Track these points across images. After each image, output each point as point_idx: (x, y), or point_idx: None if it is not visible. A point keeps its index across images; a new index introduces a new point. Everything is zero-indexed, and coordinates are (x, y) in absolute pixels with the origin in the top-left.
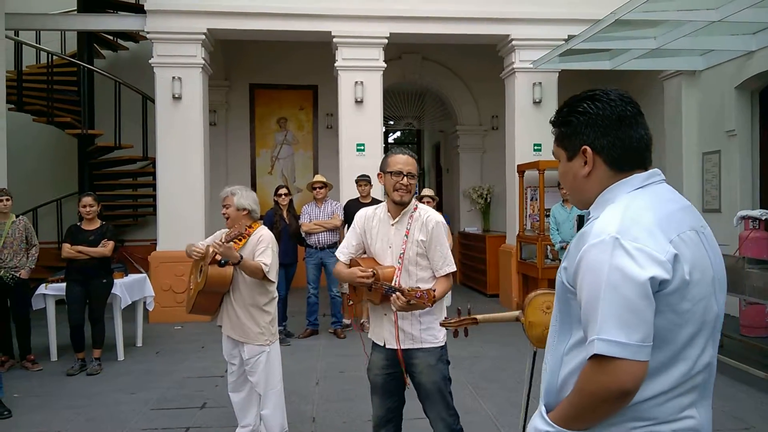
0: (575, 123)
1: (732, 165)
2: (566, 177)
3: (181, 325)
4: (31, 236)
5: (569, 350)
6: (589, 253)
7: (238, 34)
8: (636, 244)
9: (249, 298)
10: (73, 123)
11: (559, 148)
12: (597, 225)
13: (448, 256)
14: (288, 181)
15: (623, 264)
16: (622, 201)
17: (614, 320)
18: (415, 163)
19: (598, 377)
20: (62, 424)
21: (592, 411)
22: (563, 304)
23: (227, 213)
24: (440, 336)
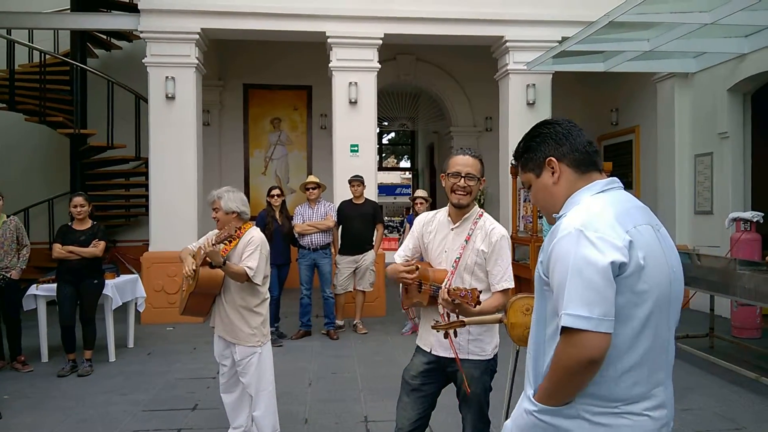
0: (534, 146)
1: (724, 167)
2: (539, 193)
3: (173, 327)
4: (22, 236)
5: (549, 339)
6: (558, 244)
7: (232, 34)
8: (597, 233)
9: (240, 299)
10: (66, 122)
11: (527, 172)
12: (564, 221)
13: (508, 271)
14: (281, 181)
15: (586, 251)
16: (586, 201)
17: (578, 298)
18: (479, 164)
19: (567, 350)
20: (53, 426)
21: (567, 383)
22: (540, 297)
23: (217, 216)
24: (488, 349)
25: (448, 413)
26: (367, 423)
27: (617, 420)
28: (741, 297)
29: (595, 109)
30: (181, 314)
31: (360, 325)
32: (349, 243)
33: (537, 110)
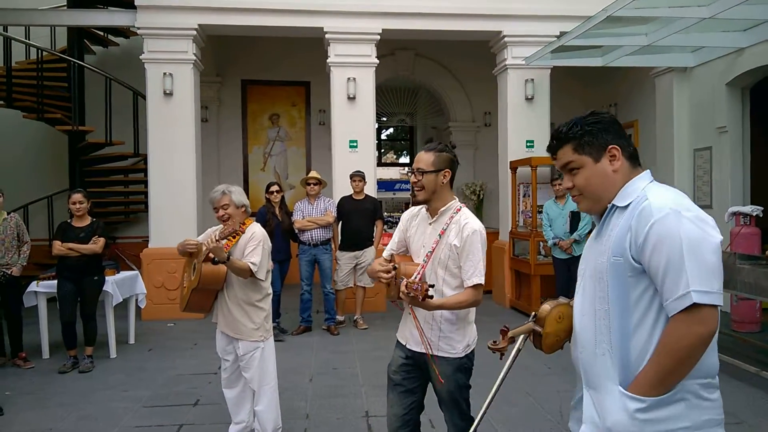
0: (595, 131)
1: (723, 161)
2: (595, 178)
3: (173, 323)
4: (23, 233)
5: (636, 325)
6: (658, 226)
7: (230, 30)
8: (693, 213)
9: (243, 294)
10: (64, 119)
11: (583, 155)
12: (653, 204)
13: (479, 267)
14: (280, 177)
15: (694, 229)
16: (653, 187)
17: (699, 275)
18: (432, 157)
19: (691, 328)
20: (54, 422)
21: (686, 364)
22: (620, 285)
23: (228, 213)
24: (458, 347)
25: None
26: (369, 418)
27: (715, 393)
28: (741, 291)
29: (593, 104)
30: (182, 311)
31: (360, 321)
32: (350, 239)
33: (535, 105)
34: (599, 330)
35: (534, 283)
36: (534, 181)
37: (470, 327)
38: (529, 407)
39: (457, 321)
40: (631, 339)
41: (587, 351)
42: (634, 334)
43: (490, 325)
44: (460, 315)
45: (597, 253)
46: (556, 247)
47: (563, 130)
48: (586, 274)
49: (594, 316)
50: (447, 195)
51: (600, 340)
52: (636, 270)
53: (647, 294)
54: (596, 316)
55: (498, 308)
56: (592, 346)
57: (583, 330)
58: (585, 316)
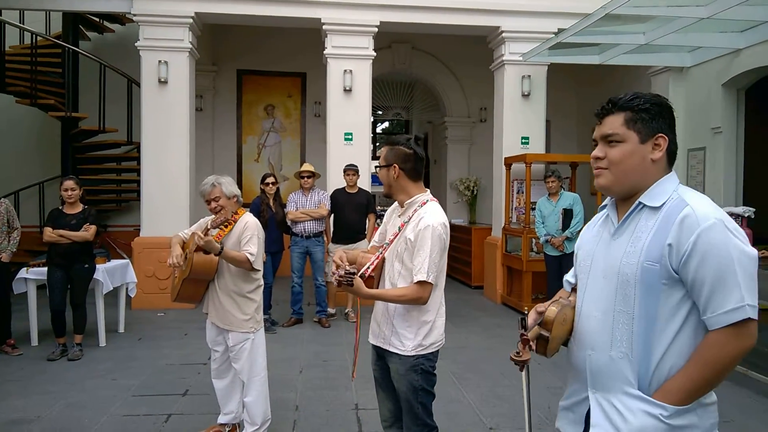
0: (654, 112)
1: (717, 162)
2: (633, 158)
3: (163, 312)
4: (13, 219)
5: (675, 334)
6: (706, 236)
7: (227, 19)
8: (733, 225)
9: (234, 285)
10: (57, 105)
11: (630, 130)
12: (698, 212)
13: (425, 264)
14: (274, 168)
15: (739, 243)
16: (687, 192)
17: (748, 289)
18: (384, 152)
19: (738, 342)
20: (42, 410)
21: (720, 378)
22: (651, 292)
23: (219, 205)
24: (408, 345)
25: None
26: (358, 410)
27: (713, 396)
28: None
29: (589, 102)
30: (173, 301)
31: (351, 314)
32: (342, 232)
33: (532, 101)
34: (618, 332)
35: (526, 280)
36: (528, 177)
37: (425, 327)
38: (518, 402)
39: (409, 318)
40: (656, 346)
41: (599, 353)
42: (660, 342)
43: (482, 320)
44: (413, 312)
45: (618, 253)
46: (548, 244)
47: (623, 98)
48: (595, 272)
49: (612, 319)
50: (411, 188)
51: (618, 342)
52: (672, 279)
53: (682, 303)
54: (615, 319)
55: (489, 304)
56: (607, 349)
57: (596, 332)
58: (595, 317)
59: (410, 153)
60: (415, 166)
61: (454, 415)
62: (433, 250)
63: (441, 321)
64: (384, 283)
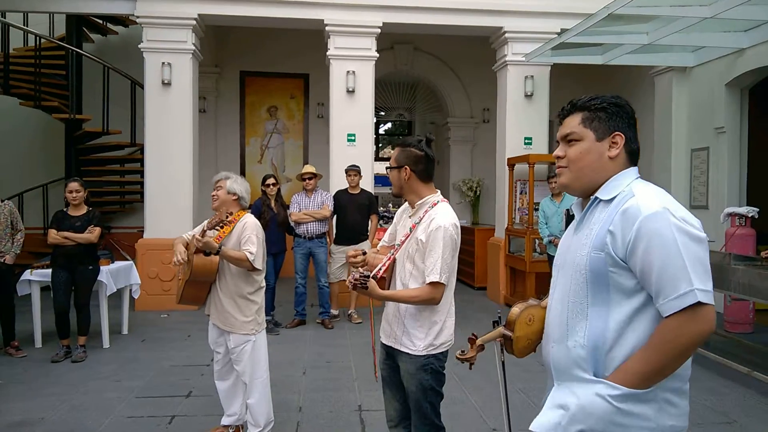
0: (611, 112)
1: (720, 162)
2: (590, 155)
3: (167, 314)
4: (17, 221)
5: (625, 321)
6: (648, 224)
7: (230, 20)
8: (681, 213)
9: (235, 287)
10: (61, 107)
11: (587, 129)
12: (641, 202)
13: (438, 265)
14: (277, 170)
15: (685, 228)
16: (639, 185)
17: (697, 274)
18: (396, 153)
19: (692, 326)
20: (46, 412)
21: (677, 362)
22: (600, 281)
23: (217, 195)
24: (419, 345)
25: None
26: (361, 412)
27: (684, 400)
28: (734, 292)
29: None
30: (177, 303)
31: (355, 315)
32: (344, 233)
33: (535, 102)
34: (572, 322)
35: (529, 280)
36: (531, 178)
37: (436, 327)
38: (521, 403)
39: (420, 318)
40: (608, 335)
41: (559, 344)
42: (612, 331)
43: (485, 321)
44: (424, 313)
45: (576, 246)
46: (551, 245)
47: (582, 99)
48: (563, 269)
49: (567, 310)
50: (422, 189)
51: (572, 333)
52: (619, 266)
53: (635, 292)
54: (570, 309)
55: (492, 305)
56: (564, 339)
57: (556, 323)
58: (555, 309)
59: (421, 155)
60: (426, 167)
61: (457, 416)
62: (445, 251)
63: (451, 321)
64: (395, 283)
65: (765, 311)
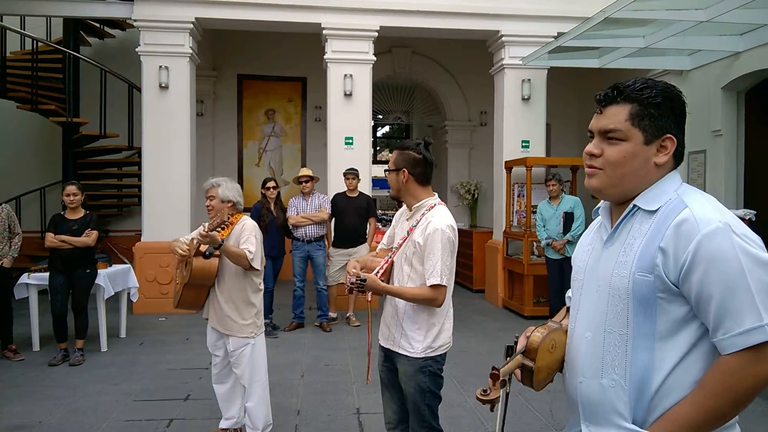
0: (664, 107)
1: (717, 165)
2: (634, 159)
3: (165, 317)
4: (14, 225)
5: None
6: (709, 243)
7: (227, 24)
8: (741, 229)
9: (234, 290)
10: (58, 111)
11: (635, 127)
12: (698, 215)
13: (438, 267)
14: (275, 173)
15: (748, 250)
16: (689, 192)
17: (766, 304)
18: (394, 156)
19: (757, 368)
20: (44, 415)
21: (736, 409)
22: (648, 308)
23: (211, 205)
24: (417, 347)
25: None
26: (360, 415)
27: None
28: None
29: (589, 105)
30: (175, 307)
31: (353, 318)
32: (343, 236)
33: (532, 105)
34: (609, 356)
35: (527, 283)
36: (529, 181)
37: (434, 329)
38: (520, 406)
39: (418, 320)
40: (655, 373)
41: (590, 381)
42: (659, 369)
43: (484, 324)
44: (423, 315)
45: (610, 264)
46: (549, 248)
47: (631, 86)
48: (588, 287)
49: (603, 340)
50: (419, 192)
51: (609, 368)
52: (671, 292)
53: (687, 322)
54: (606, 341)
55: (491, 307)
56: (598, 376)
57: (587, 356)
58: (586, 339)
59: (420, 158)
60: (424, 170)
61: (455, 420)
62: (444, 253)
63: (449, 323)
64: None
65: None
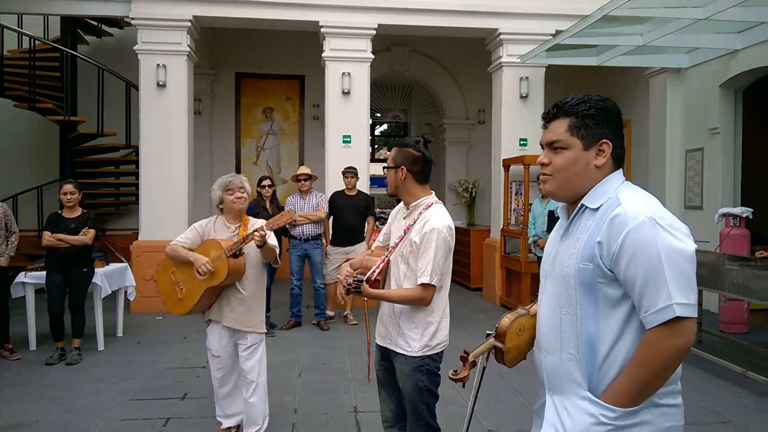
0: (599, 118)
1: (714, 162)
2: (576, 164)
3: (162, 316)
4: (11, 223)
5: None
6: (634, 234)
7: (225, 22)
8: (667, 221)
9: (257, 287)
10: (55, 109)
11: (574, 137)
12: (627, 210)
13: (429, 267)
14: (273, 171)
15: (670, 239)
16: (625, 190)
17: (679, 286)
18: (393, 153)
19: (672, 341)
20: (40, 414)
21: (660, 378)
22: (589, 291)
23: (244, 197)
24: (414, 346)
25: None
26: (357, 413)
27: (677, 399)
28: (729, 292)
29: None
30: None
31: (350, 316)
32: (341, 234)
33: (530, 103)
34: (565, 335)
35: (524, 281)
36: (526, 179)
37: (431, 328)
38: (518, 405)
39: (415, 319)
40: (600, 346)
41: (552, 355)
42: (603, 342)
43: (482, 322)
44: (420, 314)
45: (564, 255)
46: (536, 246)
47: (569, 102)
48: (550, 275)
49: (560, 321)
50: (417, 191)
51: (566, 344)
52: (608, 277)
53: (622, 302)
54: (562, 321)
55: (488, 306)
56: (558, 351)
57: (548, 334)
58: (547, 318)
59: (419, 156)
60: (423, 168)
61: (453, 418)
62: (437, 253)
63: (446, 322)
64: (390, 284)
65: (759, 311)
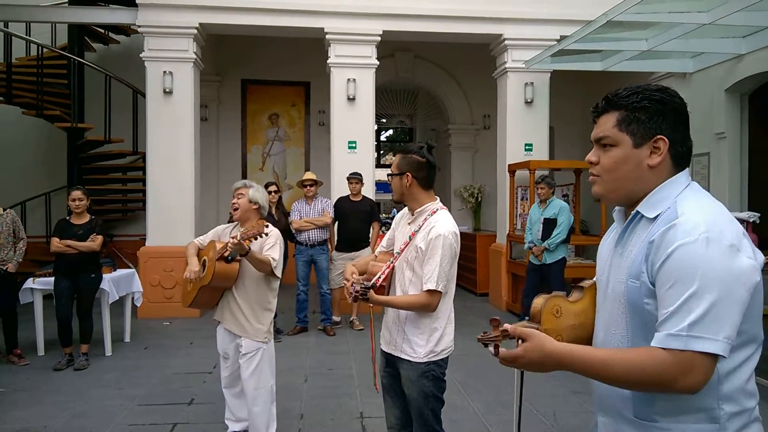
0: (652, 110)
1: (721, 167)
2: (626, 165)
3: (169, 321)
4: (19, 230)
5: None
6: (682, 253)
7: (231, 29)
8: (728, 241)
9: (255, 295)
10: (63, 116)
11: (623, 132)
12: (684, 225)
13: (435, 273)
14: (279, 177)
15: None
16: (688, 197)
17: (710, 318)
18: (397, 160)
19: (674, 373)
20: (48, 420)
21: (637, 389)
22: (638, 313)
23: (237, 203)
24: (420, 351)
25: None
26: (363, 419)
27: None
28: None
29: None
30: (186, 307)
31: (356, 322)
32: (346, 240)
33: (535, 109)
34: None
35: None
36: (532, 184)
37: (436, 334)
38: (524, 410)
39: (420, 325)
40: None
41: None
42: None
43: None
44: (425, 320)
45: (616, 268)
46: (532, 253)
47: (620, 94)
48: (605, 288)
49: (610, 341)
50: (422, 197)
51: None
52: (653, 296)
53: None
54: (612, 342)
55: (494, 311)
56: None
57: None
58: (600, 336)
59: (423, 161)
60: (428, 174)
61: (458, 423)
62: (443, 260)
63: (451, 328)
64: (395, 290)
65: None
